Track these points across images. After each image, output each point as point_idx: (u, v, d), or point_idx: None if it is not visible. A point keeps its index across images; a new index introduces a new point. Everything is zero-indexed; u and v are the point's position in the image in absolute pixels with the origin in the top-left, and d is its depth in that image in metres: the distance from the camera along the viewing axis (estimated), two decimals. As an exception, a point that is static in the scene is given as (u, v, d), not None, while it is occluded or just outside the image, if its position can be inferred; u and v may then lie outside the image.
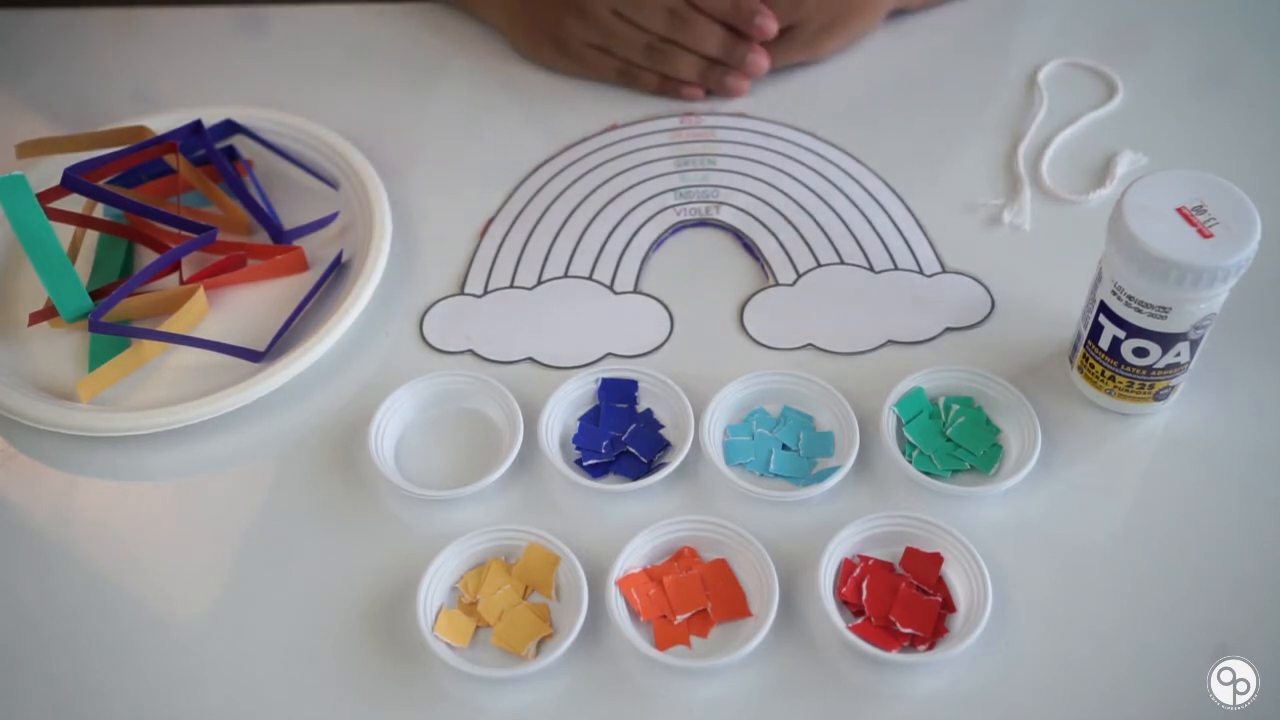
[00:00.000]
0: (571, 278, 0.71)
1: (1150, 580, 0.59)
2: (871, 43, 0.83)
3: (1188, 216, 0.57)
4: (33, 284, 0.70)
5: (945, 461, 0.62)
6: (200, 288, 0.68)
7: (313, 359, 0.65)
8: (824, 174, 0.76)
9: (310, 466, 0.63)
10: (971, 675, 0.56)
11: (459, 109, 0.81)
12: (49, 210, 0.66)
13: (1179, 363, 0.60)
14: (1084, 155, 0.76)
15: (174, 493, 0.64)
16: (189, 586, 0.60)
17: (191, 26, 0.86)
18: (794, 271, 0.71)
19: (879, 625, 0.56)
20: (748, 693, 0.55)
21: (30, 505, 0.64)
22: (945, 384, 0.64)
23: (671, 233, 0.73)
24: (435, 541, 0.58)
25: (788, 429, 0.63)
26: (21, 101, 0.82)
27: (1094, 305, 0.61)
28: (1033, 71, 0.81)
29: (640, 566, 0.59)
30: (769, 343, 0.68)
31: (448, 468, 0.63)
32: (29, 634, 0.59)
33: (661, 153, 0.77)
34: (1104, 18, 0.85)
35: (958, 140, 0.78)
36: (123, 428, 0.63)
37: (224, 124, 0.75)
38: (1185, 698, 0.55)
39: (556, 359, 0.67)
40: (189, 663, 0.58)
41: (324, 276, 0.69)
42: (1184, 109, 0.79)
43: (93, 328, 0.64)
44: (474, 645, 0.57)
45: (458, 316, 0.69)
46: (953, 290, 0.70)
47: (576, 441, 0.63)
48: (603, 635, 0.57)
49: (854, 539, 0.59)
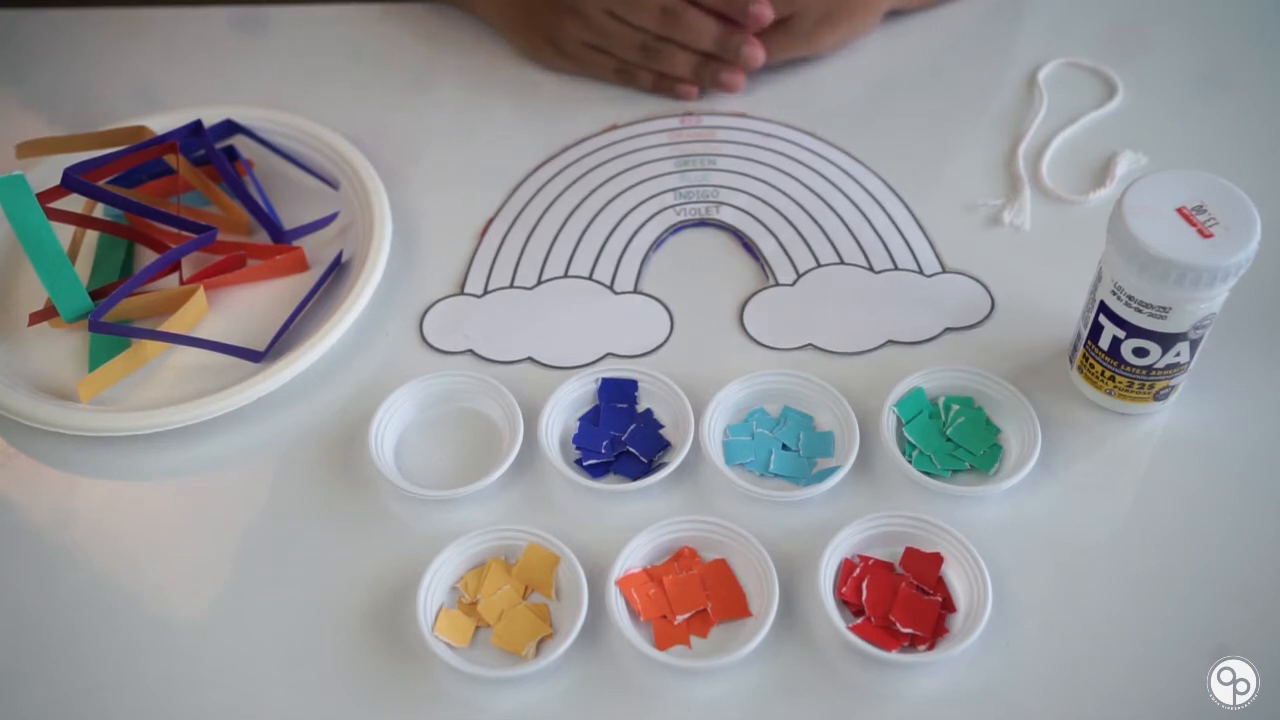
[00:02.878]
0: (571, 278, 0.71)
1: (1150, 580, 0.59)
2: (871, 42, 0.83)
3: (1188, 216, 0.56)
4: (33, 284, 0.70)
5: (945, 461, 0.62)
6: (200, 288, 0.68)
7: (313, 359, 0.65)
8: (824, 174, 0.76)
9: (310, 466, 0.63)
10: (971, 675, 0.56)
11: (459, 109, 0.81)
12: (49, 210, 0.66)
13: (1179, 363, 0.60)
14: (1084, 155, 0.76)
15: (174, 493, 0.64)
16: (189, 586, 0.60)
17: (191, 26, 0.86)
18: (794, 271, 0.71)
19: (879, 625, 0.56)
20: (748, 693, 0.55)
21: (30, 505, 0.64)
22: (945, 384, 0.64)
23: (671, 233, 0.73)
24: (435, 541, 0.58)
25: (788, 429, 0.63)
26: (21, 101, 0.82)
27: (1094, 305, 0.61)
28: (1033, 71, 0.80)
29: (640, 566, 0.59)
30: (769, 343, 0.68)
31: (448, 468, 0.63)
32: (29, 634, 0.59)
33: (661, 153, 0.77)
34: (1104, 18, 0.85)
35: (958, 140, 0.78)
36: (123, 428, 0.63)
37: (224, 124, 0.75)
38: (1185, 698, 0.55)
39: (556, 359, 0.67)
40: (189, 663, 0.58)
41: (324, 276, 0.69)
42: (1184, 109, 0.79)
43: (93, 328, 0.64)
44: (474, 645, 0.57)
45: (458, 316, 0.69)
46: (953, 290, 0.70)
47: (576, 441, 0.63)
48: (603, 635, 0.57)
49: (854, 539, 0.59)
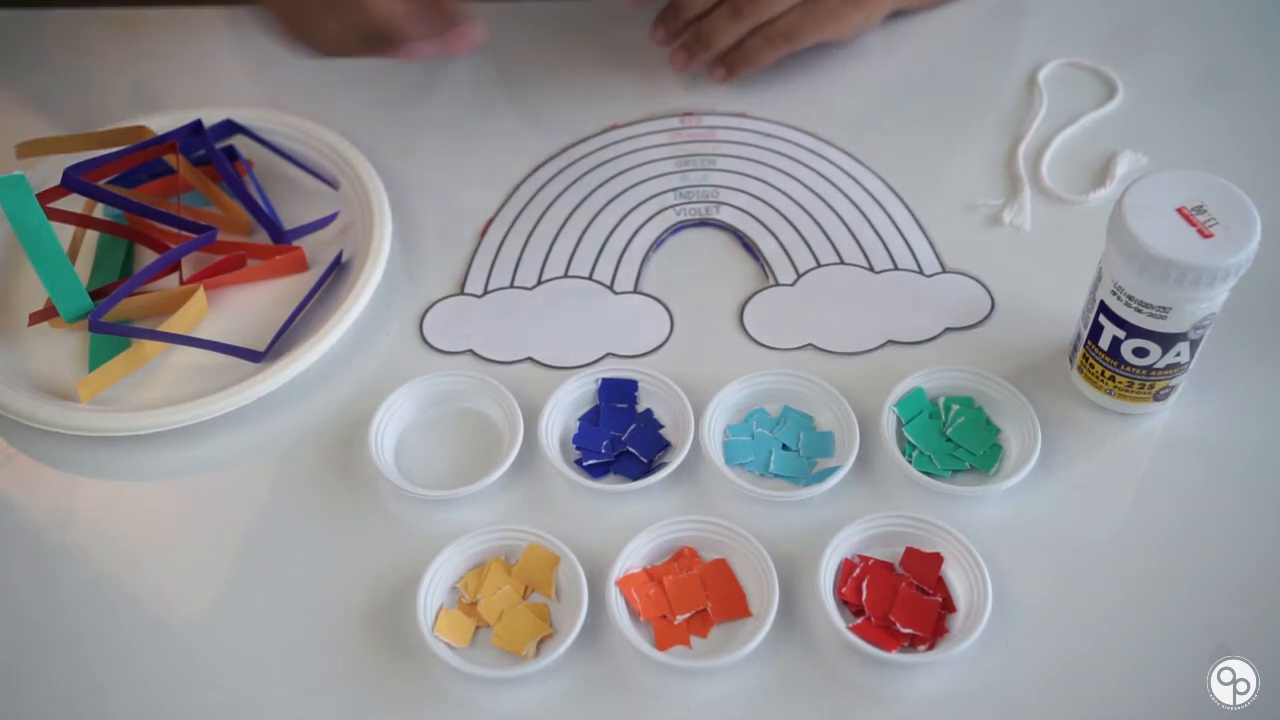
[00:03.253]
0: (571, 278, 0.71)
1: (1150, 580, 0.59)
2: (871, 42, 0.83)
3: (1188, 216, 0.56)
4: (33, 284, 0.70)
5: (945, 461, 0.62)
6: (200, 288, 0.68)
7: (313, 359, 0.65)
8: (824, 174, 0.76)
9: (310, 466, 0.63)
10: (971, 675, 0.56)
11: (459, 109, 0.81)
12: (49, 210, 0.66)
13: (1179, 363, 0.60)
14: (1084, 155, 0.76)
15: (174, 493, 0.64)
16: (189, 586, 0.60)
17: (191, 26, 0.86)
18: (794, 271, 0.71)
19: (879, 625, 0.56)
20: (748, 693, 0.55)
21: (30, 505, 0.64)
22: (945, 384, 0.64)
23: (671, 233, 0.73)
24: (435, 541, 0.58)
25: (788, 429, 0.63)
26: (21, 101, 0.82)
27: (1094, 305, 0.61)
28: (1033, 71, 0.80)
29: (640, 566, 0.59)
30: (769, 343, 0.68)
31: (448, 468, 0.63)
32: (29, 634, 0.59)
33: (661, 153, 0.77)
34: (1104, 18, 0.85)
35: (958, 140, 0.78)
36: (123, 428, 0.63)
37: (224, 124, 0.75)
38: (1185, 698, 0.55)
39: (556, 359, 0.67)
40: (189, 663, 0.58)
41: (324, 276, 0.69)
42: (1184, 109, 0.79)
43: (93, 328, 0.64)
44: (474, 645, 0.57)
45: (458, 316, 0.69)
46: (953, 290, 0.70)
47: (576, 441, 0.63)
48: (603, 635, 0.57)
49: (854, 539, 0.58)
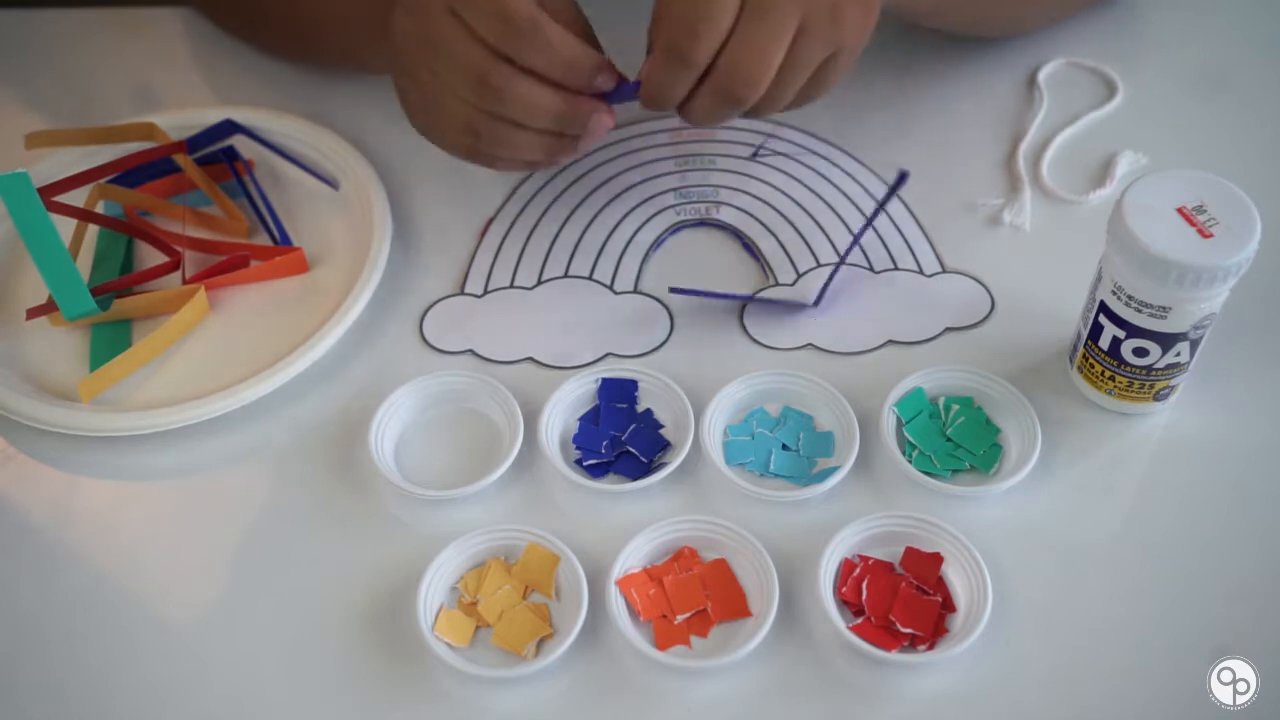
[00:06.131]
0: (571, 278, 0.71)
1: (1150, 580, 0.59)
2: (871, 42, 0.82)
3: (1188, 216, 0.56)
4: (34, 283, 0.70)
5: (945, 461, 0.62)
6: (201, 288, 0.68)
7: (313, 359, 0.65)
8: (824, 174, 0.76)
9: (310, 466, 0.63)
10: (971, 675, 0.56)
11: (459, 109, 0.81)
12: (50, 203, 0.66)
13: (1179, 363, 0.60)
14: (1084, 155, 0.76)
15: (174, 493, 0.64)
16: (189, 586, 0.60)
17: (191, 26, 0.86)
18: (794, 271, 0.71)
19: (879, 625, 0.56)
20: (748, 693, 0.55)
21: (30, 505, 0.64)
22: (945, 384, 0.64)
23: (671, 233, 0.73)
24: (435, 541, 0.58)
25: (788, 429, 0.63)
26: (22, 101, 0.82)
27: (1094, 305, 0.61)
28: (1033, 71, 0.80)
29: (640, 566, 0.59)
30: (769, 343, 0.68)
31: (448, 468, 0.63)
32: (29, 634, 0.59)
33: (661, 153, 0.77)
34: (1104, 18, 0.85)
35: (958, 140, 0.78)
36: (123, 428, 0.63)
37: (224, 124, 0.75)
38: (1185, 698, 0.55)
39: (556, 359, 0.67)
40: (189, 663, 0.58)
41: (889, 193, 0.65)
42: (1184, 109, 0.79)
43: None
44: (474, 645, 0.57)
45: (458, 316, 0.69)
46: (953, 290, 0.70)
47: (576, 441, 0.63)
48: (603, 635, 0.57)
49: (854, 539, 0.58)
